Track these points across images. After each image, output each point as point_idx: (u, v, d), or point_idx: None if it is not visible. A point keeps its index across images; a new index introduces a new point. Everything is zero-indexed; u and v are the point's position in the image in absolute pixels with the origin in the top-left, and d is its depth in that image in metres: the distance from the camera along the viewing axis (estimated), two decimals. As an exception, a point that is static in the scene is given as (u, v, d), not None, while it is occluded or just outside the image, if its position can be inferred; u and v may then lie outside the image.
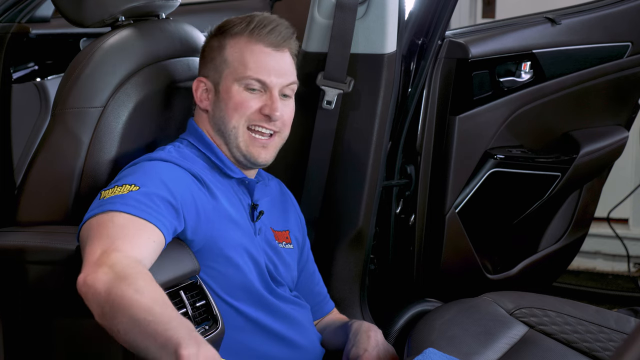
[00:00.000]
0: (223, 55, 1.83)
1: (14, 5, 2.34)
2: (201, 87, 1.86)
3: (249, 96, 1.81)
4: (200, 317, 1.65)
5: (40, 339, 1.71)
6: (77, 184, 1.82)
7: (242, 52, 1.82)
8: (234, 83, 1.81)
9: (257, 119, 1.81)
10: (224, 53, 1.83)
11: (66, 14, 1.94)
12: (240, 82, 1.81)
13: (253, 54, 1.81)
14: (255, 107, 1.81)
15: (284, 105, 1.84)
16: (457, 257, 2.52)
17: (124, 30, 1.94)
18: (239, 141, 1.82)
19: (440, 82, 2.39)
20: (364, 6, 2.12)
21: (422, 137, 2.41)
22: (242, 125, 1.81)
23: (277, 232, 1.92)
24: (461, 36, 2.45)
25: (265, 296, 1.81)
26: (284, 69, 1.83)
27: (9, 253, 1.73)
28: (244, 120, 1.81)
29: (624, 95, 2.72)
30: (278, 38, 1.82)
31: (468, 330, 1.86)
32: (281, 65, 1.83)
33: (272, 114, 1.80)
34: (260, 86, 1.81)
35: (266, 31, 1.82)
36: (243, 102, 1.81)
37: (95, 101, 1.85)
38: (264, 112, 1.80)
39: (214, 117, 1.84)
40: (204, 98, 1.86)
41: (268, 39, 1.82)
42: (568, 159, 2.60)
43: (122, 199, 1.61)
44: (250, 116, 1.81)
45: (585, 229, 2.87)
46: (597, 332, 1.86)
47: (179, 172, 1.75)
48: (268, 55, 1.82)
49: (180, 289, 1.64)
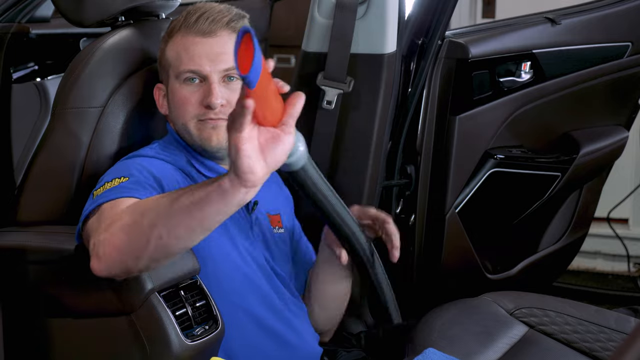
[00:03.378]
0: (165, 57, 1.82)
1: (14, 5, 2.34)
2: (160, 93, 1.85)
3: (188, 90, 1.77)
4: (200, 317, 1.65)
5: (40, 339, 1.71)
6: (77, 184, 1.83)
7: (177, 48, 1.79)
8: (175, 81, 1.79)
9: (201, 112, 1.77)
10: (165, 55, 1.82)
11: (66, 14, 1.94)
12: (179, 78, 1.78)
13: (185, 47, 1.78)
14: (196, 100, 1.77)
15: (229, 90, 1.77)
16: (457, 257, 2.52)
17: (124, 30, 1.94)
18: (191, 135, 1.79)
19: (440, 82, 2.39)
20: (364, 6, 2.12)
21: (422, 137, 2.41)
22: (190, 120, 1.78)
23: (272, 216, 1.91)
24: (461, 36, 2.45)
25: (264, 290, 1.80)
26: (218, 52, 1.77)
27: (9, 253, 1.74)
28: (189, 116, 1.78)
29: (624, 95, 2.72)
30: (206, 24, 1.77)
31: (468, 330, 1.86)
32: (215, 50, 1.77)
33: (211, 102, 1.74)
34: (197, 76, 1.77)
35: (193, 21, 1.78)
36: (184, 98, 1.78)
37: (95, 101, 1.85)
38: (204, 103, 1.76)
39: (171, 117, 1.83)
40: (163, 104, 1.85)
41: (196, 28, 1.77)
42: (568, 159, 2.60)
43: (114, 190, 1.61)
44: (195, 111, 1.77)
45: (585, 229, 2.87)
46: (597, 332, 1.86)
47: (164, 165, 1.75)
48: (198, 44, 1.77)
49: (180, 289, 1.64)
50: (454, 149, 2.42)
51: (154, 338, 1.59)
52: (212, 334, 1.65)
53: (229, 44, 1.77)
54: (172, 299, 1.61)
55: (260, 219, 1.86)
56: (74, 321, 1.67)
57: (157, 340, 1.59)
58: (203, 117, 1.77)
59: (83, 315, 1.65)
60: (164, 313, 1.59)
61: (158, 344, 1.59)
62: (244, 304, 1.78)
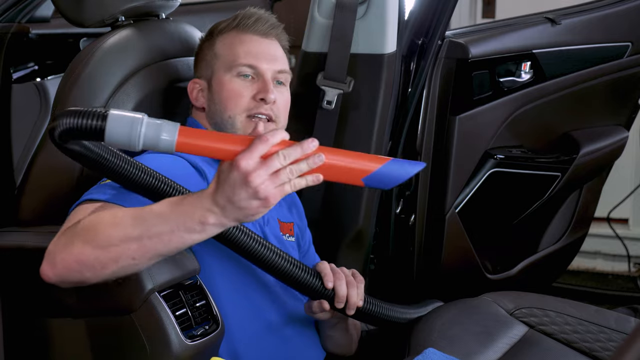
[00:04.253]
0: (214, 51, 1.85)
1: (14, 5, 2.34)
2: (196, 87, 1.87)
3: (241, 84, 1.80)
4: (200, 317, 1.65)
5: (40, 339, 1.71)
6: (77, 184, 1.83)
7: (231, 43, 1.84)
8: (225, 73, 1.82)
9: (253, 105, 1.80)
10: (214, 49, 1.86)
11: (66, 14, 1.94)
12: (231, 70, 1.81)
13: (242, 43, 1.83)
14: (249, 94, 1.80)
15: (279, 92, 1.83)
16: (457, 257, 2.52)
17: (124, 30, 1.94)
18: (236, 130, 1.80)
19: (440, 82, 2.39)
20: (364, 6, 2.12)
21: (422, 137, 2.41)
22: (239, 115, 1.80)
23: (283, 223, 1.91)
24: (461, 36, 2.45)
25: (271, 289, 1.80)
26: (274, 55, 1.84)
27: (9, 253, 1.74)
28: (239, 110, 1.80)
29: (624, 95, 2.72)
30: (265, 26, 1.84)
31: (468, 330, 1.86)
32: (271, 52, 1.84)
33: (267, 96, 1.78)
34: (252, 72, 1.81)
35: (252, 21, 1.84)
36: (236, 90, 1.80)
37: (95, 101, 1.85)
38: (258, 97, 1.79)
39: (210, 111, 1.84)
40: (199, 97, 1.86)
41: (255, 28, 1.84)
42: (568, 159, 2.60)
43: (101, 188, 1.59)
44: (246, 105, 1.80)
45: (585, 229, 2.87)
46: (597, 332, 1.86)
47: (179, 162, 1.74)
48: (257, 42, 1.84)
49: (180, 289, 1.64)
50: (454, 149, 2.42)
51: (154, 338, 1.59)
52: (212, 334, 1.65)
53: (279, 50, 1.86)
54: (172, 299, 1.61)
55: (271, 221, 1.86)
56: (74, 321, 1.66)
57: (157, 340, 1.59)
58: (254, 111, 1.79)
59: (83, 315, 1.65)
60: (164, 313, 1.59)
61: (158, 344, 1.59)
62: (250, 304, 1.78)
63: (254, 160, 1.30)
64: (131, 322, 1.59)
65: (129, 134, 1.35)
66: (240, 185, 1.30)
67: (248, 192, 1.30)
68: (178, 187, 1.53)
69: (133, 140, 1.35)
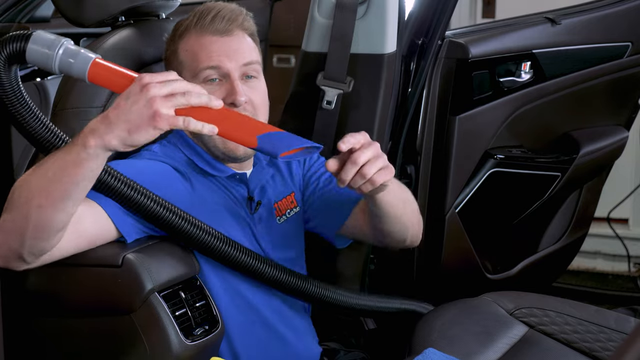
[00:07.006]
0: (178, 59, 1.80)
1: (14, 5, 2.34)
2: None
3: (209, 90, 1.71)
4: (200, 317, 1.65)
5: (40, 339, 1.71)
6: (77, 184, 1.82)
7: (192, 49, 1.78)
8: (192, 81, 1.74)
9: None
10: (178, 57, 1.80)
11: (66, 14, 1.94)
12: (197, 77, 1.76)
13: (202, 47, 1.77)
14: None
15: (251, 88, 1.77)
16: (457, 257, 2.52)
17: (124, 30, 1.94)
18: (214, 140, 1.77)
19: (440, 82, 2.39)
20: (364, 6, 2.12)
21: (422, 137, 2.41)
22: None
23: (280, 202, 1.88)
24: (461, 36, 2.45)
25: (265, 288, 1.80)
26: (237, 49, 1.77)
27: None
28: None
29: (624, 95, 2.72)
30: (222, 24, 1.77)
31: (468, 330, 1.86)
32: (232, 47, 1.77)
33: (236, 100, 1.73)
34: (218, 74, 1.76)
35: (208, 20, 1.77)
36: None
37: (95, 101, 1.85)
38: (228, 101, 1.73)
39: None
40: None
41: (212, 27, 1.77)
42: (568, 159, 2.60)
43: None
44: None
45: (585, 229, 2.87)
46: (597, 332, 1.86)
47: (161, 167, 1.73)
48: (216, 43, 1.77)
49: (180, 289, 1.64)
50: (454, 149, 2.42)
51: (154, 338, 1.59)
52: (212, 334, 1.65)
53: (243, 42, 1.79)
54: (172, 299, 1.61)
55: (264, 216, 1.85)
56: (74, 321, 1.66)
57: (157, 340, 1.59)
58: None
59: (83, 315, 1.65)
60: (163, 313, 1.59)
61: (158, 344, 1.59)
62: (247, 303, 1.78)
63: (157, 80, 1.39)
64: (131, 322, 1.59)
65: (46, 55, 1.44)
66: (136, 93, 1.38)
67: (141, 100, 1.37)
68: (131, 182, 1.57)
69: (50, 61, 1.44)
